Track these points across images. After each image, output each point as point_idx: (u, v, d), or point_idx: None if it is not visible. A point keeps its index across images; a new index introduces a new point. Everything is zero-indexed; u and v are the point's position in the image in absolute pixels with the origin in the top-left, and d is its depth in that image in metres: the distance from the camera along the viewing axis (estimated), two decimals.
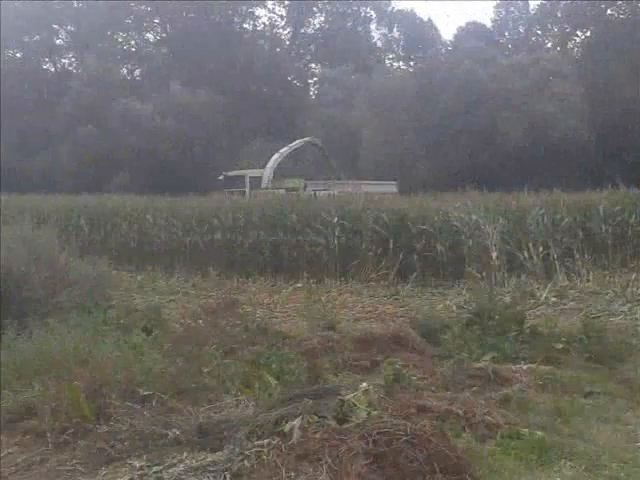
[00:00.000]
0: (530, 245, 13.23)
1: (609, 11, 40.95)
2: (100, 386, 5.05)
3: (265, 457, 4.13)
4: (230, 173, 30.41)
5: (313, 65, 59.81)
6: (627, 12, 39.95)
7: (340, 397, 4.68)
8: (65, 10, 55.56)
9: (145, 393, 5.46)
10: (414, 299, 11.63)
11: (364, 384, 5.17)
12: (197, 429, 4.68)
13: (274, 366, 6.21)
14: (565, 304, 10.51)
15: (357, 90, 41.98)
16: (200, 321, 7.05)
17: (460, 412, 5.10)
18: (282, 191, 23.18)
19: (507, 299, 9.21)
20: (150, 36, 57.49)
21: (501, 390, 5.83)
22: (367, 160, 38.75)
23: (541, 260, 13.00)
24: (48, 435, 4.79)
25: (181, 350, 6.09)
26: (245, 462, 4.15)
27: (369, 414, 4.60)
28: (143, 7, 55.93)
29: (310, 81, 58.14)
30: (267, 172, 28.23)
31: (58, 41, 57.89)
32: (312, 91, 56.81)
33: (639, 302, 10.26)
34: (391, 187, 28.26)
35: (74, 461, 4.48)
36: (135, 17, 56.36)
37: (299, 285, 13.15)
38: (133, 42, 57.62)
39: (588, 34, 43.28)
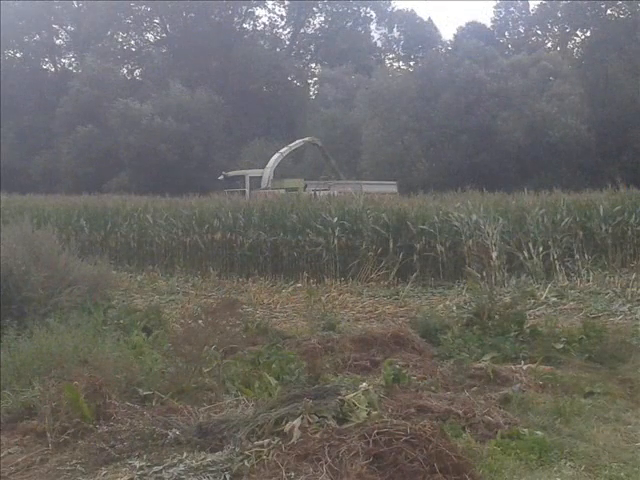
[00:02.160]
0: (530, 245, 13.24)
1: (609, 11, 40.91)
2: (100, 386, 5.05)
3: (265, 457, 4.13)
4: (230, 173, 30.44)
5: (313, 65, 59.95)
6: (627, 12, 39.89)
7: (340, 397, 4.67)
8: (65, 10, 55.72)
9: (145, 393, 5.47)
10: (414, 299, 11.62)
11: (364, 384, 5.18)
12: (197, 429, 4.68)
13: (274, 366, 6.21)
14: (565, 304, 10.49)
15: (357, 90, 41.98)
16: (200, 321, 7.03)
17: (460, 412, 5.10)
18: (282, 191, 23.13)
19: (507, 299, 9.16)
20: (150, 36, 57.69)
21: (501, 390, 5.83)
22: (367, 160, 38.76)
23: (541, 260, 12.99)
24: (48, 435, 4.78)
25: (181, 350, 6.08)
26: (245, 462, 4.15)
27: (369, 414, 4.60)
28: (143, 7, 56.04)
29: (310, 81, 58.29)
30: (267, 172, 28.23)
31: (58, 41, 58.12)
32: (312, 91, 56.94)
33: (639, 302, 10.24)
34: (391, 187, 28.27)
35: (74, 461, 4.47)
36: (135, 17, 56.44)
37: (299, 285, 13.14)
38: (133, 42, 57.75)
39: (588, 34, 43.27)
